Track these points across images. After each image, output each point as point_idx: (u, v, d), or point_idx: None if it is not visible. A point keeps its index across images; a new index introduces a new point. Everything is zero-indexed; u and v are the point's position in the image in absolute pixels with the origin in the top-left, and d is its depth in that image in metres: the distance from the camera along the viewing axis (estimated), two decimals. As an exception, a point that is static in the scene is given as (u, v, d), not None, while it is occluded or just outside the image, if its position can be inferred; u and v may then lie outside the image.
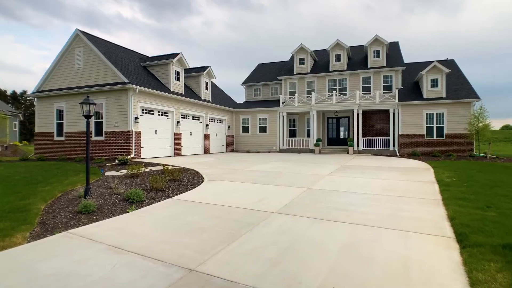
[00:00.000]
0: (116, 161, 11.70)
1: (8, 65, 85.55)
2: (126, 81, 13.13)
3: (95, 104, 6.11)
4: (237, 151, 22.66)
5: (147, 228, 4.51)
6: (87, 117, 6.05)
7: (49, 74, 15.40)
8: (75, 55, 14.76)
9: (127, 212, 5.40)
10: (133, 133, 13.19)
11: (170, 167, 9.68)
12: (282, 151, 21.46)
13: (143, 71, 16.10)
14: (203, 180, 8.52)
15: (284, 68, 25.03)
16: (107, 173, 9.76)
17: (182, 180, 8.45)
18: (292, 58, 24.41)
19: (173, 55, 16.62)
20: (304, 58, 23.09)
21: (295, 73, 23.26)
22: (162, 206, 5.83)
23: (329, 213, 5.15)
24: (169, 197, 6.56)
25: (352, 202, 5.88)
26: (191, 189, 7.35)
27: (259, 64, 29.55)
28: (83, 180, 8.76)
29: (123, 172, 9.67)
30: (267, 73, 26.87)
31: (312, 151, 20.38)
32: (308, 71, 22.95)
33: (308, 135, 22.05)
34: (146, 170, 10.03)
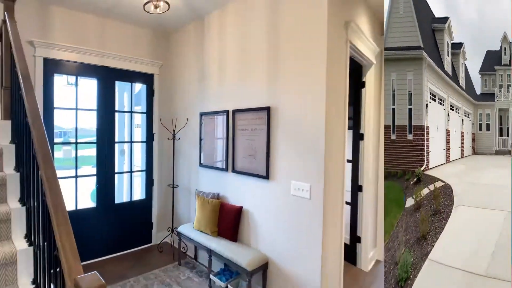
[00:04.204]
0: (415, 177, 7.20)
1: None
2: (421, 45, 8.39)
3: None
4: None
5: None
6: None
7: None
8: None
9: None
10: (425, 130, 8.52)
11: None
12: None
13: (431, 37, 10.97)
14: None
15: None
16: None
17: None
18: None
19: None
20: None
21: None
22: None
23: None
24: None
25: None
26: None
27: None
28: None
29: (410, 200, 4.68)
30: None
31: None
32: None
33: None
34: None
